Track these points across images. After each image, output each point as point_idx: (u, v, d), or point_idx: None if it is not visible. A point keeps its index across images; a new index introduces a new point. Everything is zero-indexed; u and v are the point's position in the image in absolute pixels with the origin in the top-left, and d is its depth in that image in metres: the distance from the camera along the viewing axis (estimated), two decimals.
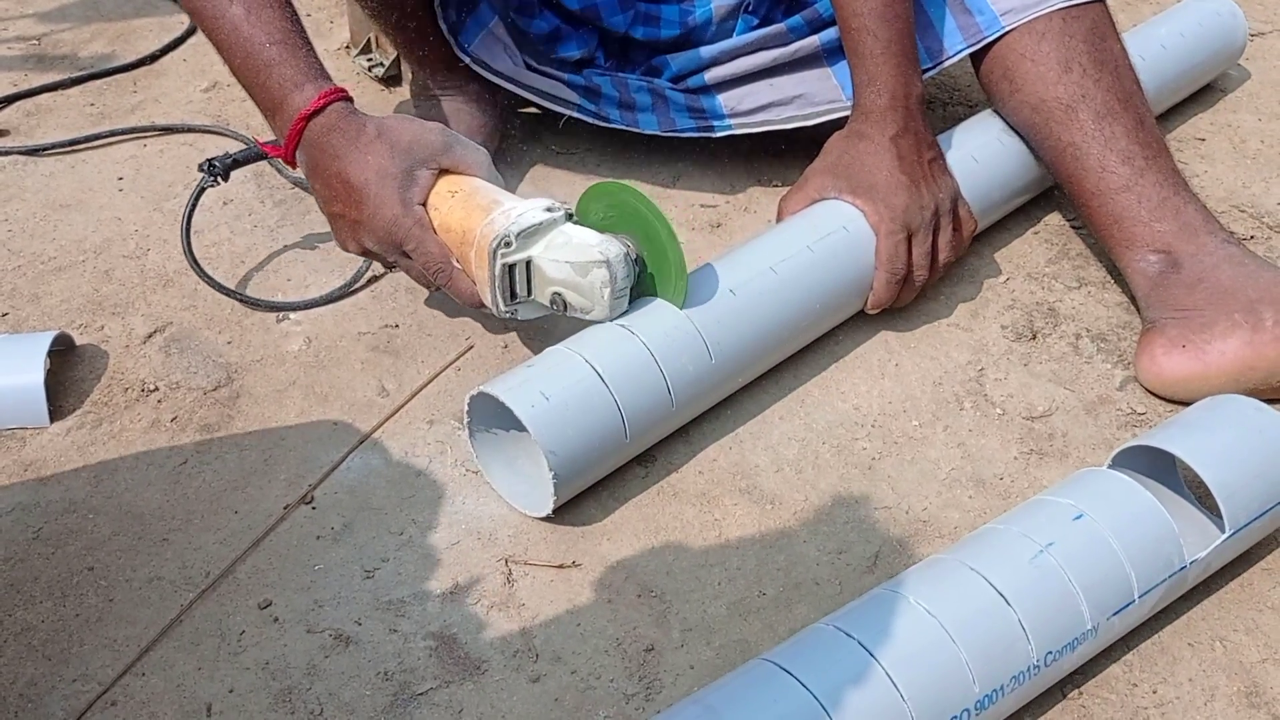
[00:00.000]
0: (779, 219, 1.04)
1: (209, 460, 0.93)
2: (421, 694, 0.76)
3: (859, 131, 1.03)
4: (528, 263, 0.89)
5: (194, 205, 1.10)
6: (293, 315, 1.07)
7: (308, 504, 0.89)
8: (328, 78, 0.93)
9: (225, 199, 1.22)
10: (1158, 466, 0.86)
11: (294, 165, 0.96)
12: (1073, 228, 1.18)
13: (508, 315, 0.91)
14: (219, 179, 1.07)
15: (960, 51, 1.11)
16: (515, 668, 0.78)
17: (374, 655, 0.78)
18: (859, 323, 1.05)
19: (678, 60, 1.20)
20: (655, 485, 0.91)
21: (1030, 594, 0.71)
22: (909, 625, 0.69)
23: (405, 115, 0.96)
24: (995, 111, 1.14)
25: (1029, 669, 0.70)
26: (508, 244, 0.87)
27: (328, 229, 1.17)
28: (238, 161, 1.08)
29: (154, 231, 1.18)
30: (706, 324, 0.90)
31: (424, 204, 0.93)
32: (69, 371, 1.01)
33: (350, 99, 0.94)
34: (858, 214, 1.00)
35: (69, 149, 1.31)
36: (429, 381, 1.00)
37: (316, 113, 0.91)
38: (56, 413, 0.97)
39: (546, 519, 0.87)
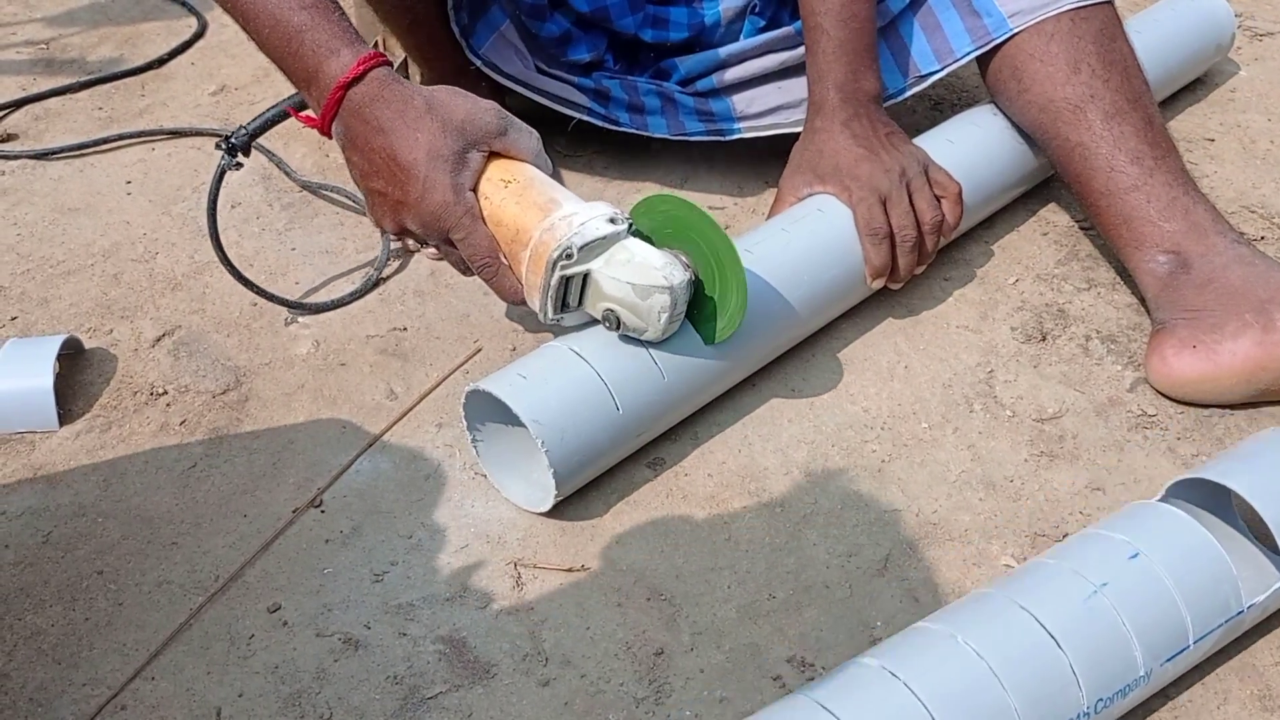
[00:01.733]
0: None
1: (218, 464, 0.93)
2: (431, 698, 0.76)
3: (812, 127, 1.05)
4: (585, 275, 0.86)
5: (217, 189, 1.02)
6: (301, 319, 1.07)
7: (316, 507, 0.89)
8: (364, 42, 0.88)
9: (234, 202, 1.23)
10: (1212, 499, 0.82)
11: (329, 136, 0.90)
12: (1081, 229, 1.18)
13: (553, 322, 0.89)
14: (241, 154, 1.00)
15: (969, 54, 1.11)
16: (525, 671, 0.78)
17: (383, 659, 0.78)
18: (868, 325, 1.05)
19: (686, 63, 1.20)
20: (664, 488, 0.91)
21: (1082, 636, 0.68)
22: (956, 665, 0.66)
23: (453, 88, 0.89)
24: (982, 107, 1.14)
25: (1079, 717, 0.67)
26: (568, 256, 0.84)
27: (336, 233, 1.18)
28: (254, 133, 1.00)
29: (162, 235, 1.18)
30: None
31: (474, 189, 0.88)
32: (78, 375, 1.01)
33: (391, 64, 0.88)
34: (830, 198, 1.01)
35: (77, 153, 1.32)
36: (437, 384, 1.00)
37: (356, 80, 0.85)
38: (66, 416, 0.97)
39: (555, 520, 0.87)
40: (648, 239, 0.88)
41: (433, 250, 1.13)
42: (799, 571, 0.84)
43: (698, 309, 0.89)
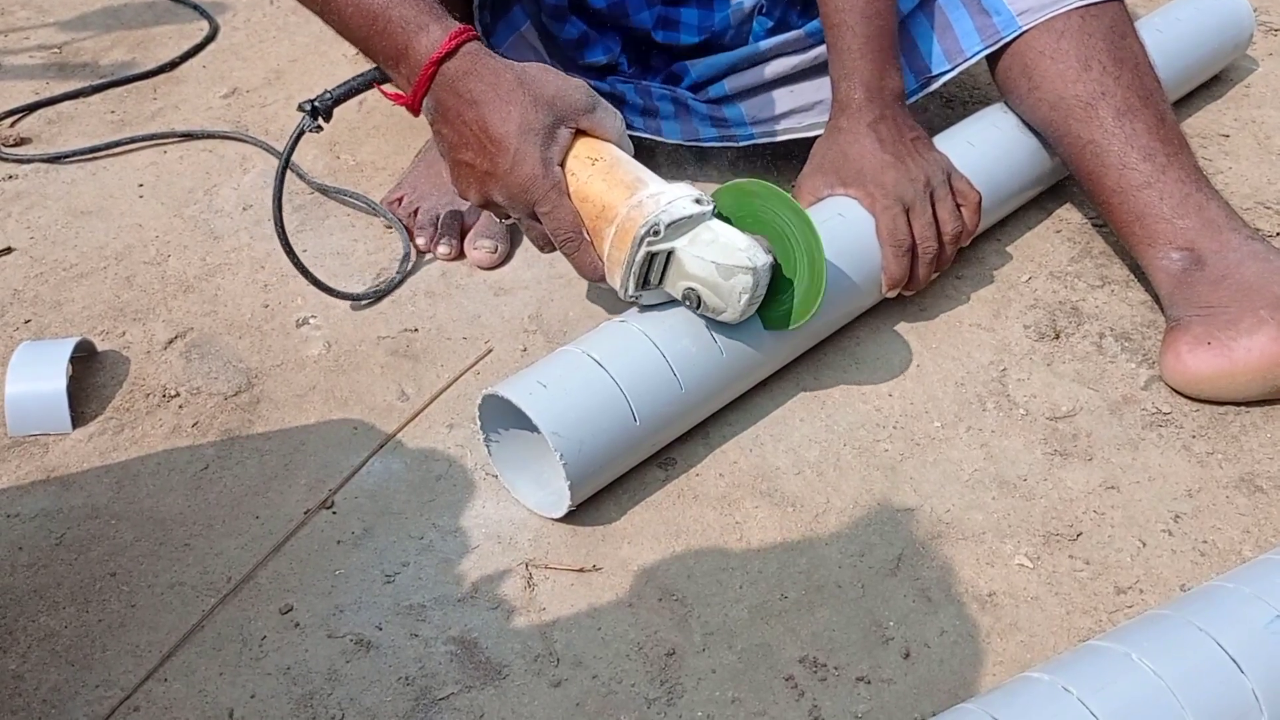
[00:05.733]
0: None
1: (230, 465, 0.93)
2: (442, 699, 0.76)
3: (837, 126, 1.03)
4: (669, 253, 0.87)
5: (291, 150, 1.01)
6: (312, 320, 1.07)
7: (328, 509, 0.89)
8: (450, 17, 0.88)
9: (245, 204, 1.23)
10: None
11: (417, 113, 0.90)
12: (1094, 226, 1.17)
13: (632, 299, 0.90)
14: (321, 119, 0.99)
15: (978, 53, 1.10)
16: (536, 672, 0.77)
17: (395, 660, 0.78)
18: (880, 323, 1.05)
19: (697, 66, 1.20)
20: (675, 488, 0.91)
21: (1266, 663, 0.66)
22: (1132, 683, 0.65)
23: (543, 65, 0.91)
24: (999, 106, 1.13)
25: None
26: (655, 233, 0.85)
27: (347, 235, 1.18)
28: (338, 99, 0.99)
29: (174, 238, 1.19)
30: None
31: (562, 165, 0.89)
32: (91, 378, 1.02)
33: (480, 38, 0.88)
34: (852, 203, 1.00)
35: (90, 156, 1.32)
36: (448, 385, 1.00)
37: (448, 55, 0.86)
38: (79, 419, 0.97)
39: (567, 521, 0.87)
40: (729, 223, 0.89)
41: (445, 250, 1.14)
42: (811, 571, 0.84)
43: (770, 294, 0.90)
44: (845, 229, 0.99)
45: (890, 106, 1.02)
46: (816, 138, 1.11)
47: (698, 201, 0.86)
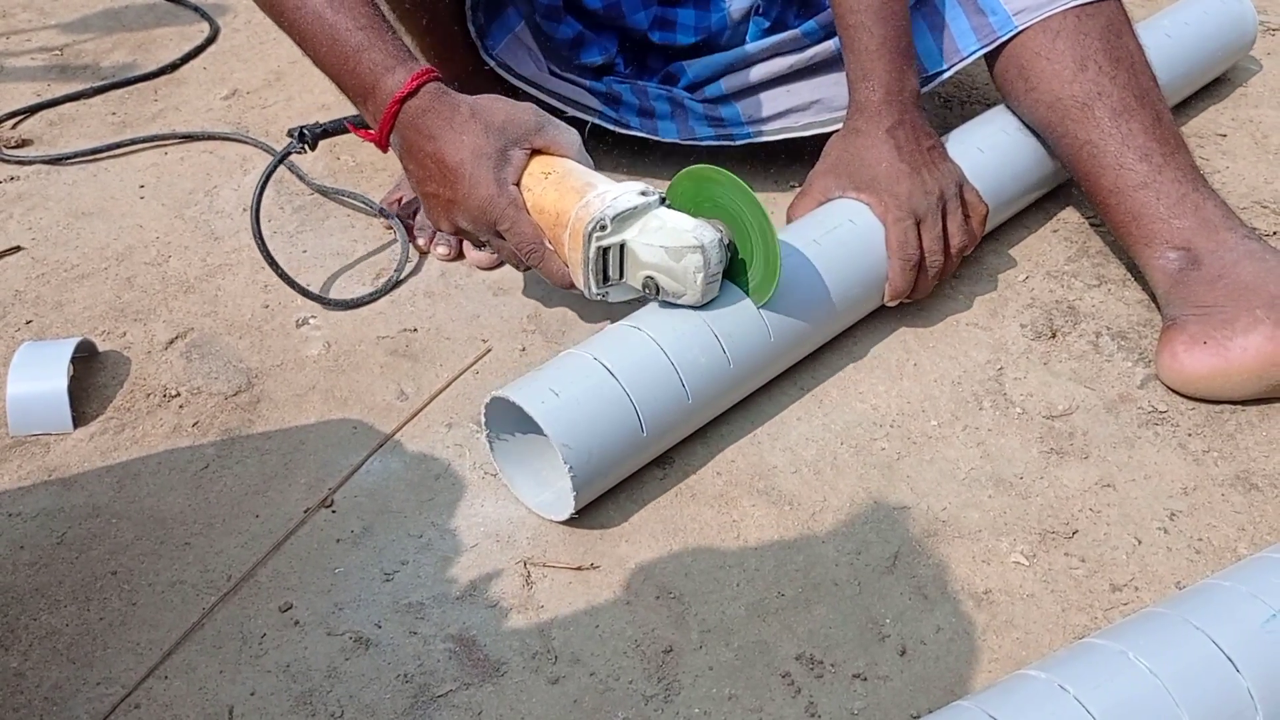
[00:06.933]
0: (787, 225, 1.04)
1: (230, 464, 0.94)
2: (441, 696, 0.76)
3: (855, 128, 1.03)
4: (621, 246, 0.89)
5: (272, 172, 1.08)
6: (312, 320, 1.08)
7: (328, 507, 0.90)
8: (416, 59, 0.93)
9: (245, 205, 1.23)
10: None
11: (385, 149, 0.96)
12: (1091, 225, 1.17)
13: (599, 297, 0.92)
14: (307, 146, 1.06)
15: (974, 52, 1.10)
16: (534, 669, 0.78)
17: (394, 658, 0.79)
18: (877, 323, 1.05)
19: (694, 66, 1.20)
20: (673, 487, 0.91)
21: (1261, 662, 0.66)
22: (1128, 681, 0.65)
23: (497, 95, 0.96)
24: (1006, 108, 1.14)
25: None
26: (603, 227, 0.88)
27: (346, 235, 1.19)
28: (327, 131, 1.06)
29: (175, 238, 1.19)
30: (714, 317, 0.91)
31: (518, 184, 0.93)
32: (92, 378, 1.02)
33: (441, 79, 0.93)
34: (863, 208, 1.00)
35: (91, 158, 1.33)
36: (447, 385, 1.01)
37: (410, 95, 0.91)
38: (80, 418, 0.98)
39: (565, 520, 0.87)
40: (688, 213, 0.90)
41: (444, 250, 1.14)
42: (808, 569, 0.84)
43: (739, 276, 0.92)
44: (854, 235, 0.98)
45: (909, 111, 1.02)
46: (816, 136, 1.12)
47: (643, 194, 0.89)
